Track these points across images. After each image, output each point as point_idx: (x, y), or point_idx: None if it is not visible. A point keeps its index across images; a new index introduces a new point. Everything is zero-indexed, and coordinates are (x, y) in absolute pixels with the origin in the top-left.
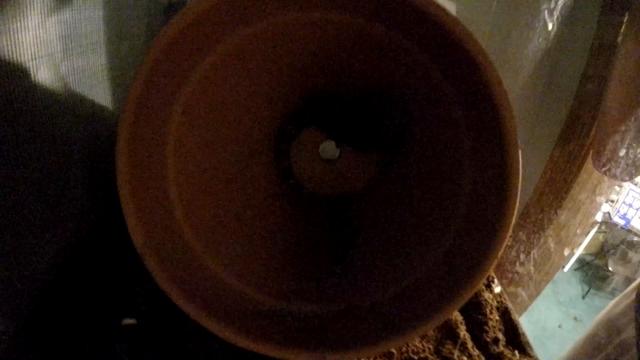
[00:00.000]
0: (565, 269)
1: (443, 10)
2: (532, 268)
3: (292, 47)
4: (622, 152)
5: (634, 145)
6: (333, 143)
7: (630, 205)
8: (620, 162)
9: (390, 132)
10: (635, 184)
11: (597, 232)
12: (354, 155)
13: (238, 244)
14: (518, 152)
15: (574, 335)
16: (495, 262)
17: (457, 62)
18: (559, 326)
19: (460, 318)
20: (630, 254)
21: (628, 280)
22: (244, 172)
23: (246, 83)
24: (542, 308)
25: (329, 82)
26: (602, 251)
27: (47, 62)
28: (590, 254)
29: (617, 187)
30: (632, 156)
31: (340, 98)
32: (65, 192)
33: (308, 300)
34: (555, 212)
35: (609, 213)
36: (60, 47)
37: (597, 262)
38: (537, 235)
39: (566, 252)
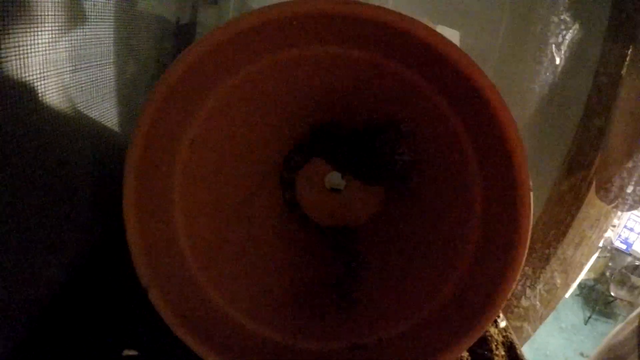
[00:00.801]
0: (567, 295)
1: (454, 46)
2: (537, 302)
3: (301, 81)
4: (630, 189)
5: (637, 194)
6: (339, 175)
7: (631, 230)
8: (627, 199)
9: (398, 167)
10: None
11: (598, 257)
12: (360, 187)
13: (244, 278)
14: (529, 192)
15: None
16: (505, 302)
17: (467, 99)
18: None
19: (465, 354)
20: (633, 278)
21: (630, 305)
22: (250, 205)
23: (253, 116)
24: (544, 335)
25: (336, 115)
26: (603, 276)
27: (56, 82)
28: (591, 279)
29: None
30: (639, 192)
31: (347, 130)
32: (70, 215)
33: (314, 337)
34: (561, 246)
35: (610, 238)
36: (69, 67)
37: (599, 287)
38: (543, 269)
39: (572, 287)
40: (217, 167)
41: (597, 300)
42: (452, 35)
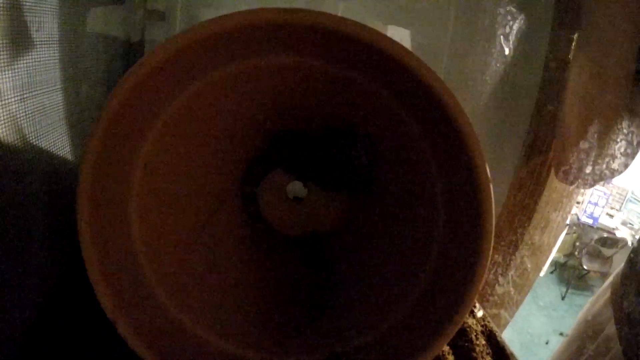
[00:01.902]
0: (542, 274)
1: (405, 50)
2: (511, 289)
3: (254, 92)
4: (589, 169)
5: (599, 162)
6: (300, 183)
7: (595, 204)
8: (587, 179)
9: (358, 171)
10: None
11: (567, 233)
12: (322, 194)
13: (212, 299)
14: (490, 187)
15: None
16: (476, 297)
17: (423, 103)
18: (546, 343)
19: (447, 348)
20: (602, 250)
21: (603, 276)
22: (212, 221)
23: (208, 131)
24: (524, 315)
25: (292, 123)
26: (574, 252)
27: (2, 113)
28: (564, 256)
29: (580, 192)
30: (598, 172)
31: (305, 138)
32: (25, 258)
33: (292, 351)
34: (527, 231)
35: (576, 214)
36: (15, 96)
37: (572, 262)
38: (513, 255)
39: (543, 269)
40: (174, 189)
41: (571, 275)
42: (404, 35)
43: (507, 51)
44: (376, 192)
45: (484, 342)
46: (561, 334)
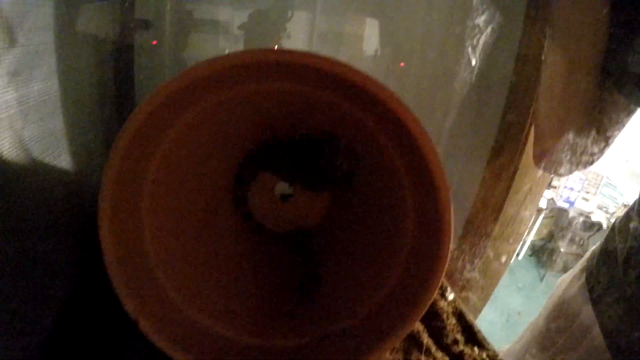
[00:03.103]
0: (520, 257)
1: (381, 87)
2: (477, 275)
3: (247, 111)
4: (565, 160)
5: (574, 153)
6: (287, 184)
7: (571, 189)
8: (564, 169)
9: (337, 176)
10: None
11: (544, 217)
12: (307, 194)
13: (216, 292)
14: (449, 205)
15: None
16: (439, 285)
17: (395, 129)
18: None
19: (421, 327)
20: (579, 233)
21: (580, 258)
22: (212, 223)
23: (205, 145)
24: (504, 296)
25: (280, 132)
26: (551, 235)
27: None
28: (541, 239)
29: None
30: (574, 162)
31: (291, 145)
32: (46, 253)
33: (289, 335)
34: (491, 227)
35: (552, 199)
36: (19, 117)
37: (549, 245)
38: (478, 246)
39: (503, 260)
40: (178, 197)
41: (549, 257)
42: (373, 24)
43: (473, 62)
44: (356, 193)
45: (454, 322)
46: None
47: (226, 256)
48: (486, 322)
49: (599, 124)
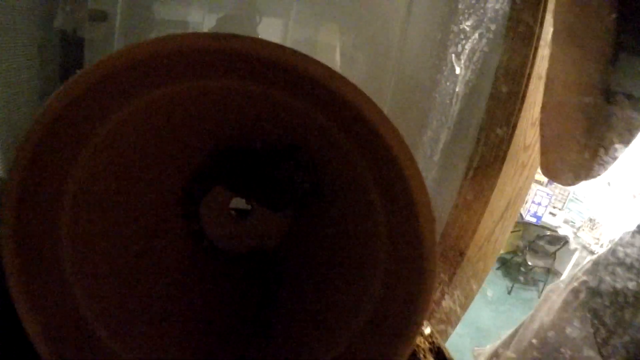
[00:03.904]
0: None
1: (349, 85)
2: (457, 308)
3: (193, 112)
4: (572, 178)
5: (579, 165)
6: (243, 200)
7: (539, 204)
8: (570, 179)
9: (300, 191)
10: (541, 184)
11: (512, 231)
12: (266, 211)
13: (155, 327)
14: (433, 228)
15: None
16: (420, 328)
17: (365, 136)
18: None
19: None
20: (546, 246)
21: (547, 271)
22: (152, 245)
23: (144, 151)
24: (472, 309)
25: (234, 141)
26: (519, 248)
27: None
28: (509, 253)
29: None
30: (579, 180)
31: (246, 155)
32: None
33: None
34: (471, 250)
35: (520, 214)
36: None
37: (517, 259)
38: (457, 275)
39: (477, 280)
40: (109, 216)
41: (517, 270)
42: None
43: (457, 70)
44: (320, 210)
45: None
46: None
47: (170, 287)
48: (455, 335)
49: (605, 137)
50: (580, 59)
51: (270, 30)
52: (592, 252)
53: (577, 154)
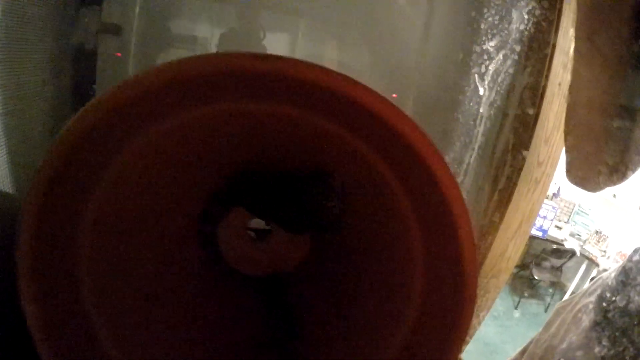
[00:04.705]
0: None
1: (389, 106)
2: (476, 324)
3: (216, 136)
4: (597, 184)
5: (602, 178)
6: (262, 222)
7: (544, 218)
8: (596, 190)
9: (328, 221)
10: (547, 197)
11: None
12: (284, 233)
13: (174, 353)
14: (474, 247)
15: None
16: (459, 352)
17: (403, 157)
18: None
19: None
20: (552, 260)
21: (553, 285)
22: (169, 269)
23: (164, 174)
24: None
25: (257, 164)
26: (525, 262)
27: None
28: (515, 267)
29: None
30: (603, 186)
31: (269, 178)
32: None
33: None
34: (482, 269)
35: None
36: None
37: (523, 272)
38: (484, 298)
39: (491, 297)
40: (128, 241)
41: (523, 285)
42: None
43: (481, 91)
44: (346, 237)
45: None
46: None
47: (187, 311)
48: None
49: (627, 149)
50: (600, 72)
51: (277, 45)
52: (598, 265)
53: (600, 163)
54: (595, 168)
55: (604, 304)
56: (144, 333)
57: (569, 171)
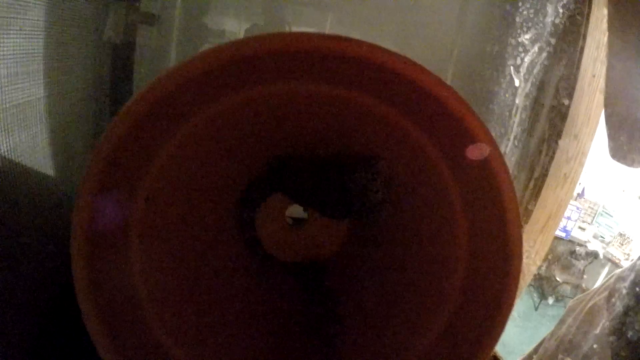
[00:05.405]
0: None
1: (439, 81)
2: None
3: (260, 118)
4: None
5: None
6: (300, 208)
7: (568, 218)
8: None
9: (371, 205)
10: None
11: None
12: (323, 219)
13: (215, 336)
14: (520, 230)
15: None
16: (500, 337)
17: (452, 136)
18: None
19: None
20: (575, 262)
21: (575, 287)
22: (213, 251)
23: (211, 159)
24: None
25: (299, 148)
26: (547, 263)
27: None
28: (536, 268)
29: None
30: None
31: (309, 163)
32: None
33: None
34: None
35: None
36: None
37: (545, 274)
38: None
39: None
40: (175, 220)
41: (544, 286)
42: None
43: (517, 82)
44: (389, 220)
45: None
46: None
47: (228, 293)
48: None
49: None
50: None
51: None
52: (621, 268)
53: (634, 151)
54: (629, 157)
55: (638, 289)
56: (189, 314)
57: (612, 146)
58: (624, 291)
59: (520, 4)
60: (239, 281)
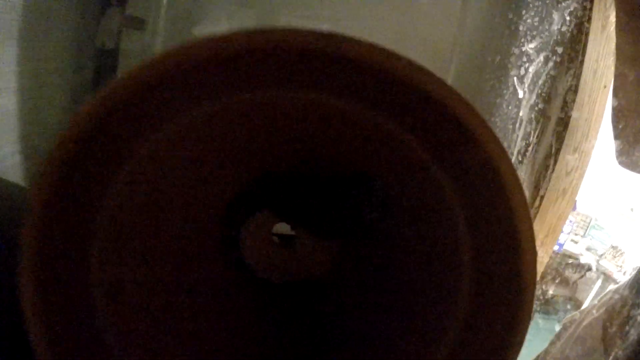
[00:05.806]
0: None
1: (450, 90)
2: None
3: (243, 129)
4: None
5: None
6: (287, 226)
7: (561, 232)
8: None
9: (365, 224)
10: None
11: None
12: (312, 237)
13: None
14: (535, 255)
15: None
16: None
17: (463, 157)
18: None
19: None
20: (568, 275)
21: (569, 300)
22: (188, 275)
23: (186, 171)
24: None
25: (287, 162)
26: (541, 276)
27: None
28: None
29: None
30: None
31: (300, 179)
32: None
33: None
34: None
35: None
36: None
37: (538, 287)
38: None
39: None
40: (145, 243)
41: (538, 299)
42: None
43: (520, 94)
44: (387, 237)
45: None
46: None
47: (209, 322)
48: None
49: None
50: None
51: None
52: (614, 281)
53: None
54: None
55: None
56: (157, 340)
57: (619, 152)
58: (639, 319)
59: (523, 12)
60: (221, 306)
